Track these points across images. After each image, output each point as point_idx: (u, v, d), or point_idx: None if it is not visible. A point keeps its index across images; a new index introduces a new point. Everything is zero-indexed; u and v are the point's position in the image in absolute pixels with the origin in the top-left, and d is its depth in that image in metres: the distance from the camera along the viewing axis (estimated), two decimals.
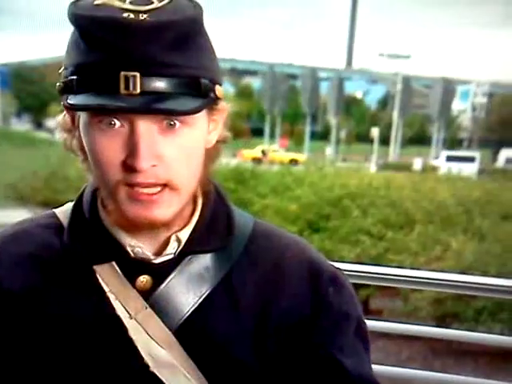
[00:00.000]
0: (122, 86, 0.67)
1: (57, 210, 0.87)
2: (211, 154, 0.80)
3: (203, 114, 0.74)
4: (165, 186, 0.72)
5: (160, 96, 0.68)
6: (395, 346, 5.07)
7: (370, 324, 0.90)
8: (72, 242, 0.80)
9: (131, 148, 0.69)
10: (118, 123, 0.69)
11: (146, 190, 0.71)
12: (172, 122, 0.70)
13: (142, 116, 0.69)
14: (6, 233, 0.85)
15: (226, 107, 0.79)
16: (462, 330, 2.99)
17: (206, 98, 0.72)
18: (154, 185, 0.71)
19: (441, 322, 5.01)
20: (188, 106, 0.69)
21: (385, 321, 1.95)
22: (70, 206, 0.85)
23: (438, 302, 5.05)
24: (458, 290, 1.93)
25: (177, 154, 0.71)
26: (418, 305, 5.14)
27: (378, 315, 5.06)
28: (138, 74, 0.67)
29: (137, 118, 0.69)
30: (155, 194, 0.71)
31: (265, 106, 43.13)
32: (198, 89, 0.70)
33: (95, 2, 0.69)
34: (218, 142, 0.81)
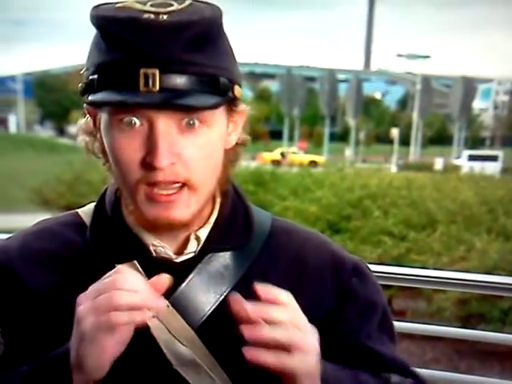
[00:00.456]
0: (142, 82, 0.67)
1: (79, 210, 0.88)
2: (230, 156, 0.80)
3: (222, 114, 0.75)
4: (183, 185, 0.73)
5: (179, 93, 0.69)
6: (419, 347, 5.01)
7: (393, 325, 0.89)
8: (94, 241, 0.81)
9: (151, 146, 0.70)
10: (137, 122, 0.70)
11: (164, 192, 0.72)
12: (191, 122, 0.71)
13: (162, 114, 0.69)
14: (29, 231, 0.86)
15: (245, 109, 0.79)
16: (487, 330, 2.95)
17: (225, 97, 0.72)
18: (173, 182, 0.72)
19: (466, 322, 4.94)
20: (206, 102, 0.70)
21: (408, 322, 1.93)
22: (92, 205, 0.86)
23: (462, 303, 4.98)
24: (483, 291, 1.90)
25: (196, 153, 0.72)
26: (442, 305, 5.08)
27: (401, 316, 5.00)
28: (157, 71, 0.68)
29: (156, 117, 0.69)
30: (173, 194, 0.72)
31: (283, 108, 43.14)
32: (216, 87, 0.71)
33: (117, 6, 0.71)
34: (237, 144, 0.81)
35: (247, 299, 0.80)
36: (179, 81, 0.69)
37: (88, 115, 0.79)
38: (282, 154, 30.23)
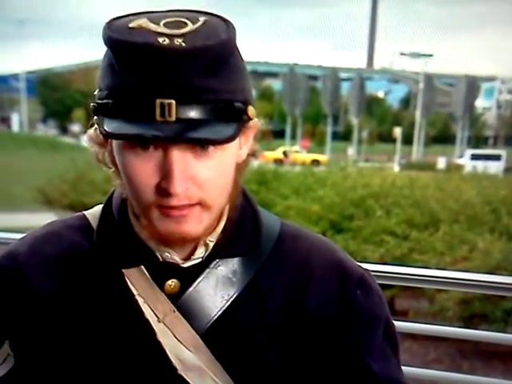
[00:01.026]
0: (158, 112, 0.66)
1: (86, 212, 0.87)
2: (241, 168, 0.79)
3: None
4: (197, 203, 0.72)
5: (194, 123, 0.67)
6: (421, 346, 5.01)
7: (396, 325, 0.89)
8: (101, 245, 0.81)
9: (165, 172, 0.69)
10: (151, 147, 0.69)
11: (177, 208, 0.71)
12: (205, 147, 0.70)
13: (176, 144, 0.68)
14: (37, 234, 0.86)
15: (256, 124, 0.78)
16: (490, 331, 2.94)
17: (240, 122, 0.71)
18: (188, 205, 0.71)
19: (468, 323, 4.93)
20: (223, 134, 0.68)
21: (411, 322, 1.93)
22: (99, 208, 0.86)
23: (465, 303, 4.97)
24: (486, 291, 1.89)
25: (209, 175, 0.71)
26: (445, 305, 5.07)
27: (403, 316, 5.00)
28: (173, 102, 0.66)
29: (171, 144, 0.68)
30: (186, 208, 0.71)
31: (286, 107, 43.10)
32: (232, 113, 0.70)
33: (130, 25, 0.69)
34: (248, 155, 0.80)
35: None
36: (195, 111, 0.67)
37: (97, 126, 0.77)
38: (285, 153, 30.20)
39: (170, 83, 0.66)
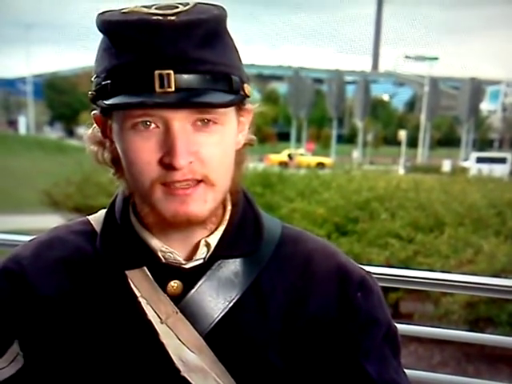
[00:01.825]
0: (157, 84, 0.68)
1: (90, 217, 0.88)
2: (240, 156, 0.80)
3: (233, 113, 0.75)
4: (200, 181, 0.73)
5: (194, 92, 0.69)
6: (427, 350, 4.99)
7: (401, 328, 0.89)
8: (104, 248, 0.82)
9: (168, 147, 0.70)
10: (152, 124, 0.70)
11: (181, 186, 0.72)
12: (206, 120, 0.71)
13: (177, 114, 0.70)
14: (41, 239, 0.87)
15: (251, 108, 0.80)
16: (496, 334, 2.93)
17: (237, 95, 0.73)
18: (191, 180, 0.72)
19: (474, 326, 4.91)
20: (223, 99, 0.70)
21: (416, 325, 1.92)
22: (103, 212, 0.87)
23: (470, 306, 4.95)
24: (491, 294, 1.89)
25: (212, 151, 0.72)
26: (450, 308, 5.05)
27: (408, 319, 4.98)
28: (171, 72, 0.68)
29: (172, 117, 0.70)
30: (190, 187, 0.72)
31: (291, 110, 43.07)
32: (229, 85, 0.72)
33: (123, 11, 0.71)
34: (244, 144, 0.82)
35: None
36: (193, 80, 0.69)
37: (95, 124, 0.79)
38: (290, 156, 30.18)
39: (166, 55, 0.68)
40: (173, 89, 0.68)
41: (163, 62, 0.68)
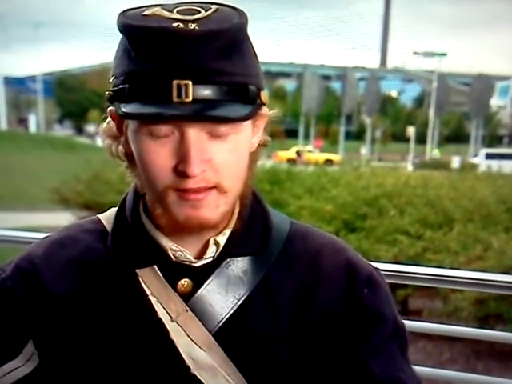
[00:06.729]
0: (175, 94, 0.68)
1: (101, 216, 0.89)
2: (253, 158, 0.81)
3: (248, 121, 0.75)
4: (213, 187, 0.73)
5: (211, 104, 0.69)
6: (436, 346, 4.97)
7: (410, 324, 0.89)
8: (115, 247, 0.82)
9: (182, 154, 0.70)
10: (168, 131, 0.70)
11: (193, 190, 0.72)
12: (221, 129, 0.71)
13: (192, 123, 0.70)
14: (53, 238, 0.88)
15: (267, 112, 0.80)
16: (505, 331, 2.91)
17: (254, 105, 0.73)
18: (204, 189, 0.72)
19: (484, 323, 4.88)
20: (239, 113, 0.70)
21: (425, 321, 1.92)
22: (113, 211, 0.87)
23: (479, 303, 4.92)
24: (501, 291, 1.88)
25: (225, 159, 0.72)
26: (459, 305, 5.03)
27: (417, 316, 4.97)
28: (190, 82, 0.68)
29: (187, 126, 0.70)
30: (202, 191, 0.73)
31: (299, 107, 43.00)
32: (246, 95, 0.71)
33: (144, 13, 0.71)
34: (259, 145, 0.82)
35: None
36: (211, 91, 0.69)
37: (110, 119, 0.80)
38: (298, 153, 30.18)
39: (185, 65, 0.67)
40: (190, 99, 0.68)
41: (182, 72, 0.68)
